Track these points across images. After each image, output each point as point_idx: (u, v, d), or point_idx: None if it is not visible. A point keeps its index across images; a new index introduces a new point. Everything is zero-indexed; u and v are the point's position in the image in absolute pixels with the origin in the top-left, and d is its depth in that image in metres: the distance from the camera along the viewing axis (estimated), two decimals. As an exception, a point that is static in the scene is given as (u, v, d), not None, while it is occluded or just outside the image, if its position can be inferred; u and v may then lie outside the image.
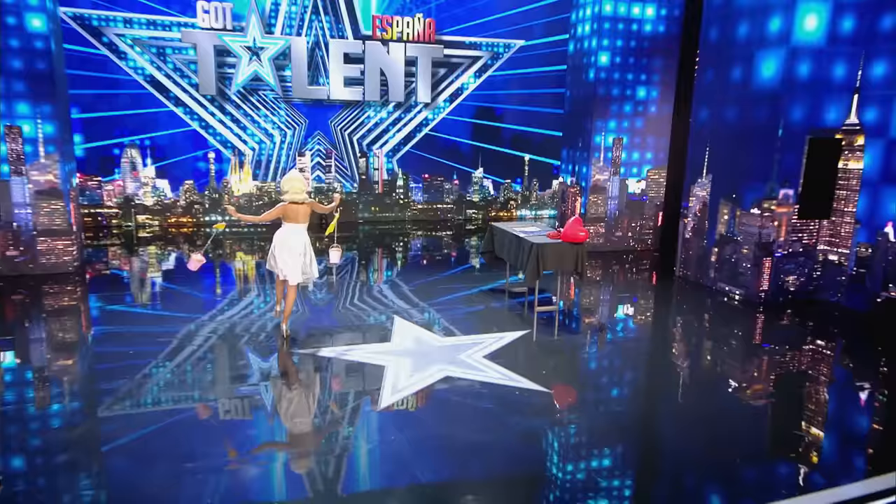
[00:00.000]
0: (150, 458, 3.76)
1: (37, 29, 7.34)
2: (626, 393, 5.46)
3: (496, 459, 3.97)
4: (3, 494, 3.25)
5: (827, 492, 3.67)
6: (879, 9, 6.80)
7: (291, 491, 3.62)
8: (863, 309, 7.08)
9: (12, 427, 4.22)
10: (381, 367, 5.27)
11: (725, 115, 7.89)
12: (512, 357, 5.60)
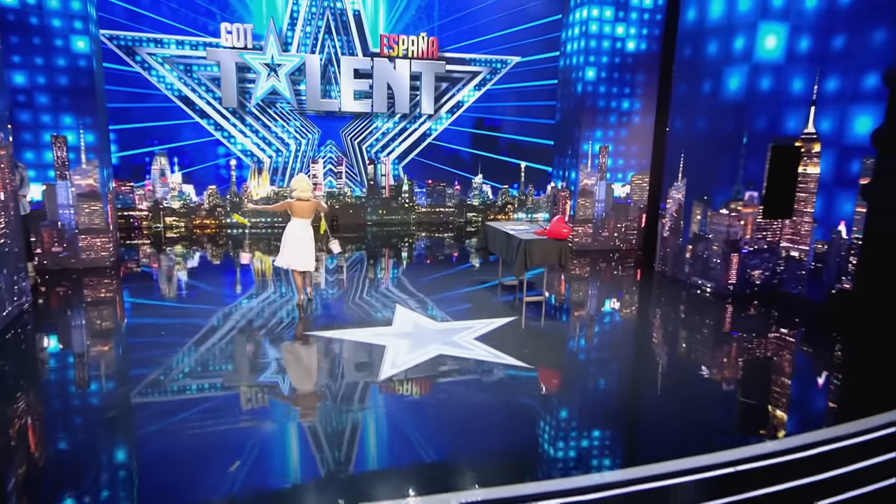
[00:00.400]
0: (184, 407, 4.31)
1: (81, 50, 7.92)
2: (600, 367, 5.94)
3: (479, 418, 4.47)
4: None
5: (773, 442, 4.18)
6: (830, 31, 7.28)
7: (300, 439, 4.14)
8: (819, 299, 7.55)
9: (69, 385, 4.78)
10: (383, 346, 5.79)
11: (697, 125, 8.36)
12: (499, 339, 6.08)
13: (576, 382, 5.48)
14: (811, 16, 7.32)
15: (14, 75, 7.65)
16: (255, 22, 11.37)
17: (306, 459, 3.87)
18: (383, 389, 4.92)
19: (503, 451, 4.08)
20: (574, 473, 3.77)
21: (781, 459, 4.02)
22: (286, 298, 7.42)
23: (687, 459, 3.85)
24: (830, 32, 7.28)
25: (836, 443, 4.24)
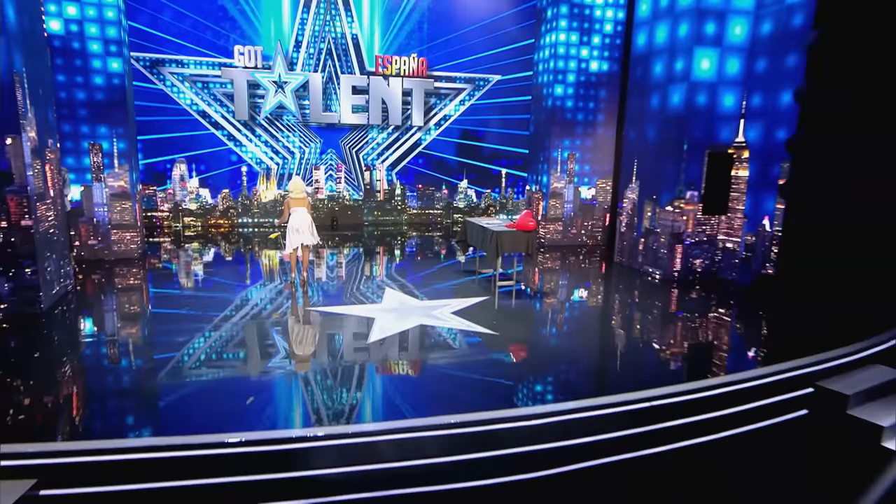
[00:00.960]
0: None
1: (115, 70, 8.73)
2: (555, 333, 6.76)
3: (451, 369, 5.28)
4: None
5: (689, 384, 4.99)
6: (754, 56, 8.15)
7: (303, 380, 4.93)
8: (748, 283, 8.38)
9: (112, 346, 5.58)
10: (372, 318, 6.58)
11: (647, 135, 9.20)
12: (473, 314, 6.88)
13: (533, 343, 6.29)
14: (738, 43, 8.19)
15: (59, 91, 8.43)
16: (265, 44, 12.12)
17: (305, 394, 4.67)
18: (371, 348, 5.72)
19: (470, 389, 4.89)
20: (518, 404, 4.59)
21: (692, 396, 4.84)
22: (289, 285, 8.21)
23: (614, 396, 4.66)
24: (754, 57, 8.15)
25: (735, 385, 5.07)
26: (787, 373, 5.33)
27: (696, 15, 8.00)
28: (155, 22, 11.30)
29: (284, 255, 7.61)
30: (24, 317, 6.12)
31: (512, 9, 12.91)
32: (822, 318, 6.61)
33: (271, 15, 12.08)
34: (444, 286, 8.39)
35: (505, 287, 8.11)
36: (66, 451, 3.60)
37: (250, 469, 3.69)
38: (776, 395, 5.20)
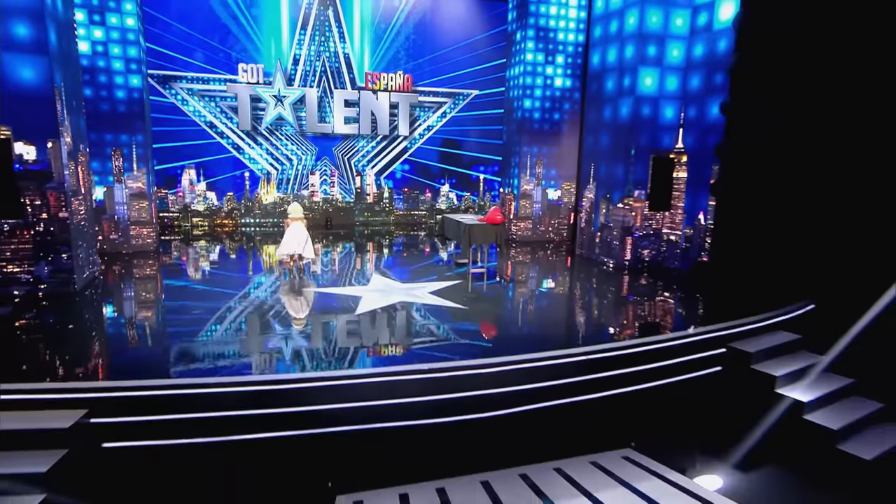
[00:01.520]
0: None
1: (135, 85, 9.42)
2: (516, 307, 7.50)
3: (426, 333, 6.01)
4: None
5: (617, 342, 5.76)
6: (689, 74, 8.99)
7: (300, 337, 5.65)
8: (687, 269, 9.19)
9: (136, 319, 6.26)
10: (359, 296, 7.30)
11: (602, 142, 10.01)
12: (447, 293, 7.62)
13: (495, 314, 7.03)
14: (676, 63, 9.03)
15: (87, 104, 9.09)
16: (266, 62, 12.80)
17: (302, 348, 5.39)
18: (357, 317, 6.45)
19: (442, 347, 5.64)
20: (482, 356, 5.33)
21: (630, 351, 5.59)
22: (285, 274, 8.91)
23: (562, 350, 5.42)
24: (689, 75, 8.99)
25: (665, 343, 5.83)
26: (706, 334, 6.12)
27: (639, 39, 8.83)
28: (168, 43, 11.91)
29: (279, 257, 8.33)
30: (61, 295, 6.79)
31: (486, 32, 13.67)
32: (742, 293, 7.41)
33: (272, 36, 12.78)
34: (424, 274, 9.12)
35: (477, 273, 8.86)
36: (108, 388, 4.30)
37: (252, 405, 4.40)
38: (698, 353, 5.99)
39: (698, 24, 8.79)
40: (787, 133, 7.37)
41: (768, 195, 7.62)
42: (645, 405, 5.44)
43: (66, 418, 4.03)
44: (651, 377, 5.62)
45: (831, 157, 6.72)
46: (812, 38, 6.79)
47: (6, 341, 5.48)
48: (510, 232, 12.35)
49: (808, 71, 6.89)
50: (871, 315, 5.97)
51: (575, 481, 4.59)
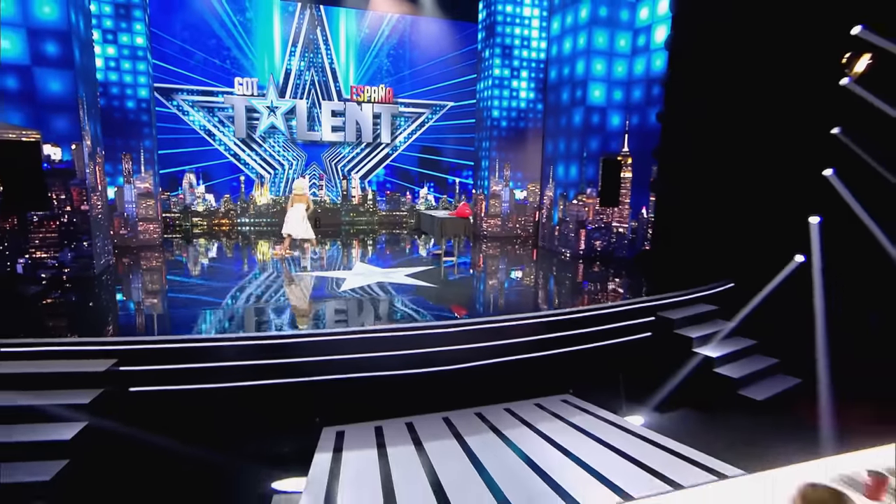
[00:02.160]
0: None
1: (143, 96, 10.12)
2: (480, 286, 8.31)
3: (398, 303, 6.79)
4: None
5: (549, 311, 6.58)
6: (632, 87, 9.93)
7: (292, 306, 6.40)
8: (632, 257, 10.08)
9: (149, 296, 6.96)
10: (343, 278, 8.07)
11: (559, 146, 10.90)
12: (421, 276, 8.41)
13: (460, 291, 7.84)
14: (620, 78, 9.96)
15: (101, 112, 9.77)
16: (259, 76, 13.48)
17: (295, 313, 6.16)
18: (341, 294, 7.22)
19: (412, 313, 6.42)
20: (449, 319, 6.13)
21: (576, 316, 6.42)
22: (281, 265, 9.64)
23: (518, 314, 6.22)
24: (632, 88, 9.92)
25: (605, 309, 6.67)
26: (639, 304, 6.99)
27: (588, 56, 9.74)
28: (171, 59, 12.55)
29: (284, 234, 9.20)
30: (82, 278, 7.46)
31: (459, 50, 14.48)
32: (676, 275, 8.29)
33: (265, 52, 13.49)
34: (402, 262, 9.90)
35: (448, 262, 9.66)
36: (133, 342, 5.02)
37: (252, 357, 5.15)
38: (633, 320, 6.84)
39: (638, 45, 9.73)
40: (710, 138, 8.29)
41: (696, 192, 8.52)
42: (587, 362, 6.28)
43: (101, 365, 4.76)
44: (592, 339, 6.48)
45: (746, 159, 7.63)
46: (727, 58, 7.72)
47: (47, 309, 6.20)
48: (482, 228, 13.18)
49: (726, 85, 7.81)
50: (769, 289, 6.89)
51: (521, 417, 5.41)
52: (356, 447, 4.69)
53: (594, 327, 6.57)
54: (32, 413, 4.19)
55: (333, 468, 4.31)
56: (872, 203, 6.48)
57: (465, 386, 5.70)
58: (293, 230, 9.06)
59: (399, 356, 5.56)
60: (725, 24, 7.75)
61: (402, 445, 4.73)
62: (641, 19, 9.65)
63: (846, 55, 6.80)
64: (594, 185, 10.26)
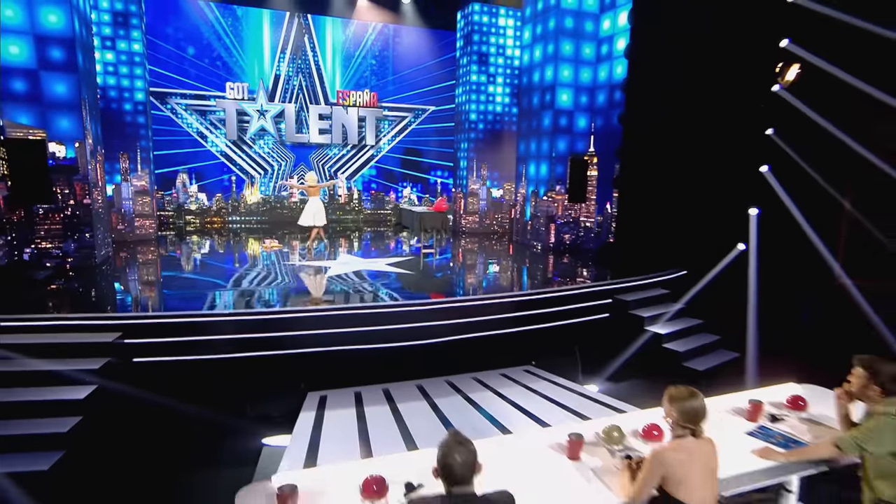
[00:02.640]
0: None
1: (139, 99, 10.53)
2: (454, 272, 8.83)
3: (378, 285, 7.30)
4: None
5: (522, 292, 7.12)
6: (596, 92, 10.54)
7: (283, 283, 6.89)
8: (597, 248, 10.68)
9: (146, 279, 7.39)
10: (329, 266, 8.55)
11: (531, 147, 11.48)
12: (401, 265, 8.91)
13: (438, 278, 8.36)
14: (586, 83, 10.57)
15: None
16: (250, 81, 13.89)
17: (284, 293, 6.64)
18: (326, 277, 7.71)
19: (389, 293, 6.93)
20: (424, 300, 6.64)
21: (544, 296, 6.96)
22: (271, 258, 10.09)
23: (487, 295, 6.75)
24: (596, 93, 10.54)
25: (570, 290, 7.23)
26: (599, 287, 7.57)
27: (556, 63, 10.33)
28: (166, 64, 12.89)
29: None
30: (84, 267, 7.87)
31: (439, 58, 14.99)
32: (634, 262, 8.88)
33: (255, 58, 13.92)
34: (384, 254, 10.41)
35: (428, 253, 10.17)
36: (136, 317, 5.48)
37: (244, 331, 5.63)
38: (592, 301, 7.40)
39: (602, 53, 10.35)
40: (665, 139, 8.89)
41: (654, 188, 9.11)
42: (551, 338, 6.82)
43: (108, 337, 5.21)
44: (556, 318, 7.03)
45: (696, 158, 8.21)
46: (678, 67, 8.33)
47: (56, 291, 6.62)
48: (461, 225, 13.71)
49: (678, 90, 8.40)
50: (713, 274, 7.52)
51: (487, 384, 5.93)
52: (337, 407, 5.18)
53: (557, 307, 7.13)
54: (51, 376, 4.64)
55: (317, 423, 4.80)
56: (800, 197, 7.15)
57: (438, 359, 6.22)
58: (306, 220, 9.52)
59: (378, 331, 6.07)
60: (677, 35, 8.36)
61: (379, 406, 5.24)
62: (604, 30, 10.27)
63: (779, 65, 7.48)
64: (563, 182, 10.84)
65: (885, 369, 2.84)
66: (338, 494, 2.49)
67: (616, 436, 2.99)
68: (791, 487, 3.07)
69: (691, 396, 2.50)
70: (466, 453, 1.97)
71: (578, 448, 2.90)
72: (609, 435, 3.00)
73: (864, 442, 2.76)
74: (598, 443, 3.02)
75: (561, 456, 2.92)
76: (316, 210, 9.44)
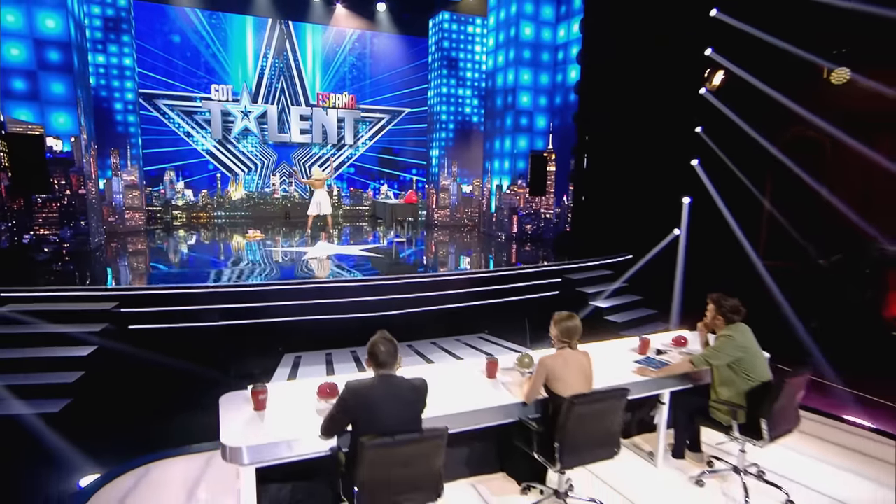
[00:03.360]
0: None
1: (129, 99, 11.04)
2: (420, 254, 9.52)
3: (349, 265, 7.96)
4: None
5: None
6: (554, 94, 11.32)
7: (268, 260, 7.51)
8: (555, 237, 11.44)
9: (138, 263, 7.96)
10: (306, 251, 9.18)
11: (495, 145, 12.22)
12: (372, 249, 9.57)
13: (406, 260, 9.05)
14: (544, 85, 11.33)
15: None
16: (234, 83, 14.42)
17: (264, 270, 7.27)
18: (305, 259, 8.35)
19: (360, 270, 7.60)
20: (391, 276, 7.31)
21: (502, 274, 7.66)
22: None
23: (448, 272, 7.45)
24: (554, 95, 11.32)
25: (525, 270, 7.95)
26: (551, 268, 8.31)
27: (517, 67, 11.09)
28: (154, 67, 13.32)
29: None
30: (80, 252, 8.40)
31: (412, 63, 15.67)
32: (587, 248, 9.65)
33: (239, 62, 14.46)
34: (359, 242, 11.06)
35: (399, 241, 10.84)
36: (130, 289, 6.08)
37: (229, 302, 6.26)
38: (544, 280, 8.15)
39: (559, 58, 11.13)
40: (612, 136, 9.69)
41: (605, 181, 9.91)
42: (506, 312, 7.53)
43: (106, 305, 5.80)
44: (511, 294, 7.76)
45: (639, 152, 8.99)
46: (623, 72, 9.13)
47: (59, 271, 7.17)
48: (434, 218, 14.39)
49: (623, 92, 9.19)
50: (649, 256, 8.33)
51: (443, 347, 6.64)
52: (310, 365, 5.85)
53: (512, 284, 7.87)
54: (58, 337, 5.22)
55: (291, 376, 5.46)
56: (723, 188, 8.00)
57: (404, 328, 6.88)
58: (313, 210, 10.15)
59: (347, 303, 6.73)
60: (622, 43, 9.16)
61: (346, 364, 5.92)
62: (560, 38, 11.06)
63: (706, 71, 8.33)
64: (524, 177, 11.60)
65: (726, 303, 3.61)
66: (299, 397, 3.17)
67: (527, 361, 3.71)
68: (664, 399, 3.82)
69: (568, 318, 3.24)
70: (389, 345, 2.66)
71: (494, 368, 3.62)
72: (521, 361, 3.72)
73: (710, 357, 3.52)
74: (514, 368, 3.73)
75: (481, 375, 3.64)
76: (321, 200, 10.16)
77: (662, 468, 3.86)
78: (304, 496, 3.21)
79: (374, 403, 2.52)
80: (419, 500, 2.59)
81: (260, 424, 2.83)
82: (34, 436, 4.30)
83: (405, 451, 2.47)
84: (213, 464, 3.77)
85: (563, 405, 2.89)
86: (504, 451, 3.67)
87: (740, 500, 3.41)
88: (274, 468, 2.81)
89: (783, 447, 4.18)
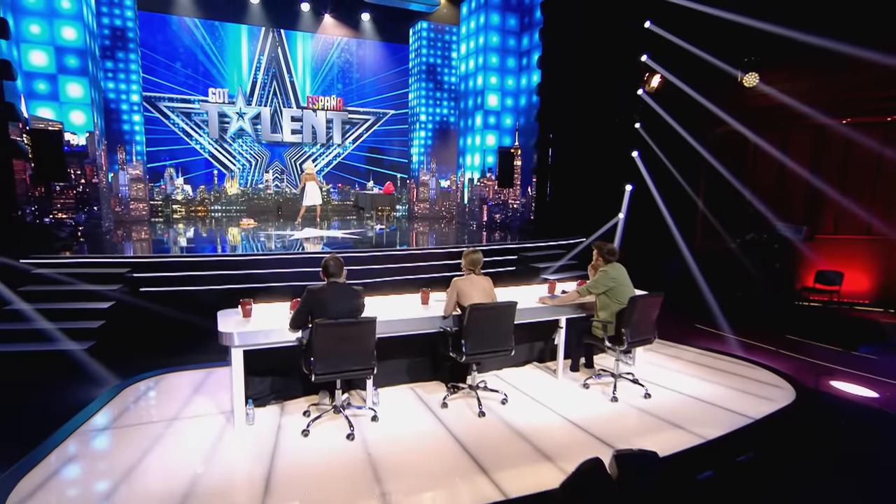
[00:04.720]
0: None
1: (135, 102, 12.07)
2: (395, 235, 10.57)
3: (332, 241, 9.02)
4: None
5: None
6: (519, 95, 12.43)
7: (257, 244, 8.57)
8: (521, 225, 12.54)
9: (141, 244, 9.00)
10: (293, 233, 10.22)
11: (468, 141, 13.30)
12: (355, 234, 10.63)
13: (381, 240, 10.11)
14: (511, 89, 12.45)
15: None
16: (230, 87, 15.48)
17: (256, 242, 8.32)
18: (298, 240, 9.39)
19: (343, 245, 8.67)
20: (366, 248, 8.38)
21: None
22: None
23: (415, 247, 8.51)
24: (518, 96, 12.42)
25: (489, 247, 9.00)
26: (504, 245, 9.39)
27: (485, 71, 12.20)
28: (156, 72, 14.40)
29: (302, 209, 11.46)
30: (94, 234, 9.40)
31: (395, 68, 16.76)
32: (548, 232, 10.72)
33: (234, 67, 15.50)
34: (344, 228, 12.10)
35: (381, 229, 11.89)
36: (140, 256, 7.10)
37: (224, 269, 7.29)
38: (505, 256, 9.21)
39: (523, 63, 12.25)
40: (568, 133, 10.81)
41: (563, 173, 11.01)
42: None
43: (122, 270, 6.84)
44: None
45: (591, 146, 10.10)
46: (576, 74, 10.24)
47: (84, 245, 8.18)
48: (414, 211, 15.46)
49: (577, 93, 10.29)
50: (594, 236, 9.43)
51: (408, 310, 7.67)
52: (293, 319, 6.88)
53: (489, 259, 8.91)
54: (84, 293, 6.25)
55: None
56: (657, 178, 9.13)
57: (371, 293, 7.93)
58: (307, 201, 11.18)
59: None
60: (575, 49, 10.27)
61: (324, 318, 6.96)
62: (524, 45, 12.18)
63: (646, 74, 9.47)
64: (493, 171, 12.68)
65: (604, 247, 4.71)
66: (276, 311, 4.24)
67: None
68: (561, 324, 4.91)
69: (473, 252, 4.32)
70: (337, 261, 3.73)
71: (427, 297, 4.70)
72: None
73: (591, 287, 4.61)
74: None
75: (418, 302, 4.71)
76: (312, 192, 11.19)
77: (562, 379, 4.95)
78: (281, 387, 4.27)
79: (325, 300, 3.59)
80: (358, 369, 3.66)
81: (246, 324, 3.90)
82: (73, 361, 5.34)
83: (346, 331, 3.54)
84: (212, 375, 4.83)
85: (467, 310, 3.97)
86: (436, 363, 4.74)
87: (609, 394, 4.50)
88: (256, 368, 3.87)
89: (656, 366, 5.31)
